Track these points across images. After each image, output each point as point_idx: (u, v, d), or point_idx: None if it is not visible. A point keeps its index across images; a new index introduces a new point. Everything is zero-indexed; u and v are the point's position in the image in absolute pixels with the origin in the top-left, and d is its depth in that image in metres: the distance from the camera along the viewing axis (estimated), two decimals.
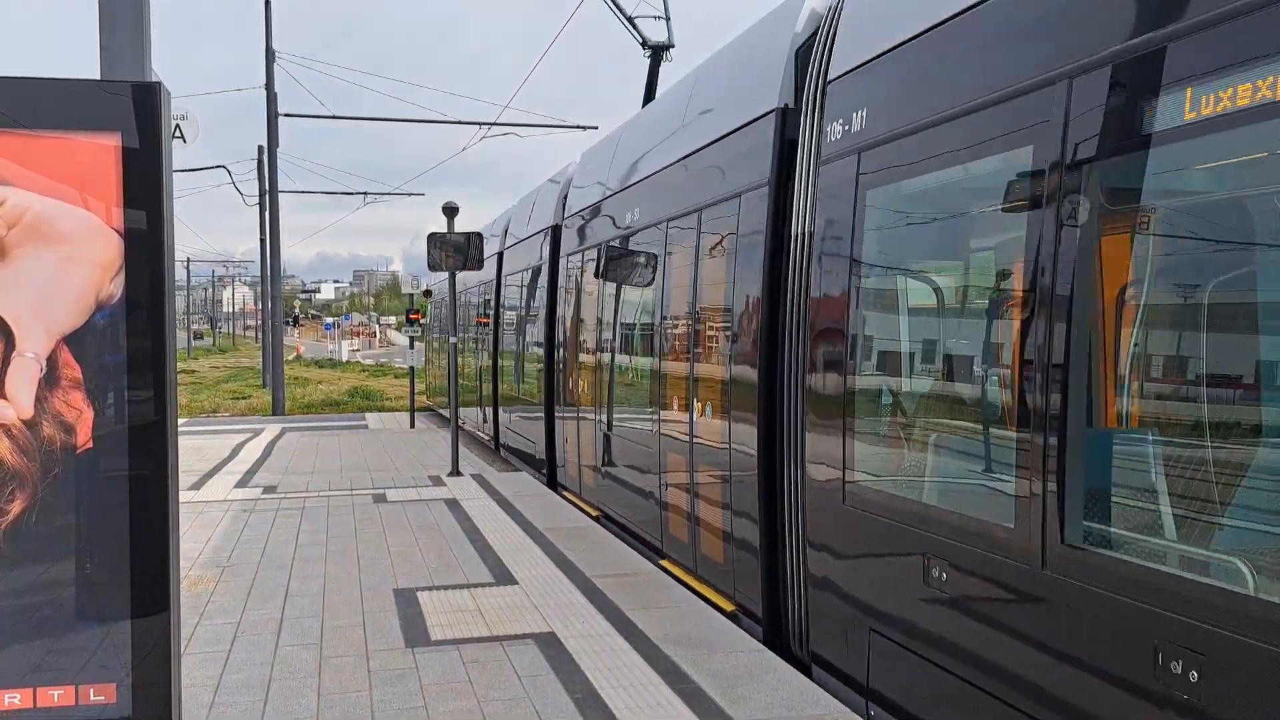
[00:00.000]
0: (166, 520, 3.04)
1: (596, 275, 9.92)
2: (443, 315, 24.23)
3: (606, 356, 10.00)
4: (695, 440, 7.54)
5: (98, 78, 3.29)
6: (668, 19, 14.57)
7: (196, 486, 12.25)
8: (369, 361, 61.32)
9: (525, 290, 14.54)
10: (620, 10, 14.61)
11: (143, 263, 3.02)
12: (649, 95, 14.41)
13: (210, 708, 5.10)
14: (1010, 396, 4.11)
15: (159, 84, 3.08)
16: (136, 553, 3.00)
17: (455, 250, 13.08)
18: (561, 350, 12.05)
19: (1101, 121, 3.61)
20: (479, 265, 13.44)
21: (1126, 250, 3.70)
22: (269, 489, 12.08)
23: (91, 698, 2.98)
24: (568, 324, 11.67)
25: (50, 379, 2.94)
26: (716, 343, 7.27)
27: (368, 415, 23.68)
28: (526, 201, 15.68)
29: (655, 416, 8.42)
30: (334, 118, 26.12)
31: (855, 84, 5.49)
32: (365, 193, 37.07)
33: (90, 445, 2.97)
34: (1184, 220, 3.62)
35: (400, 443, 17.23)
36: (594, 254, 9.98)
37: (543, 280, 13.12)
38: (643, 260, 8.89)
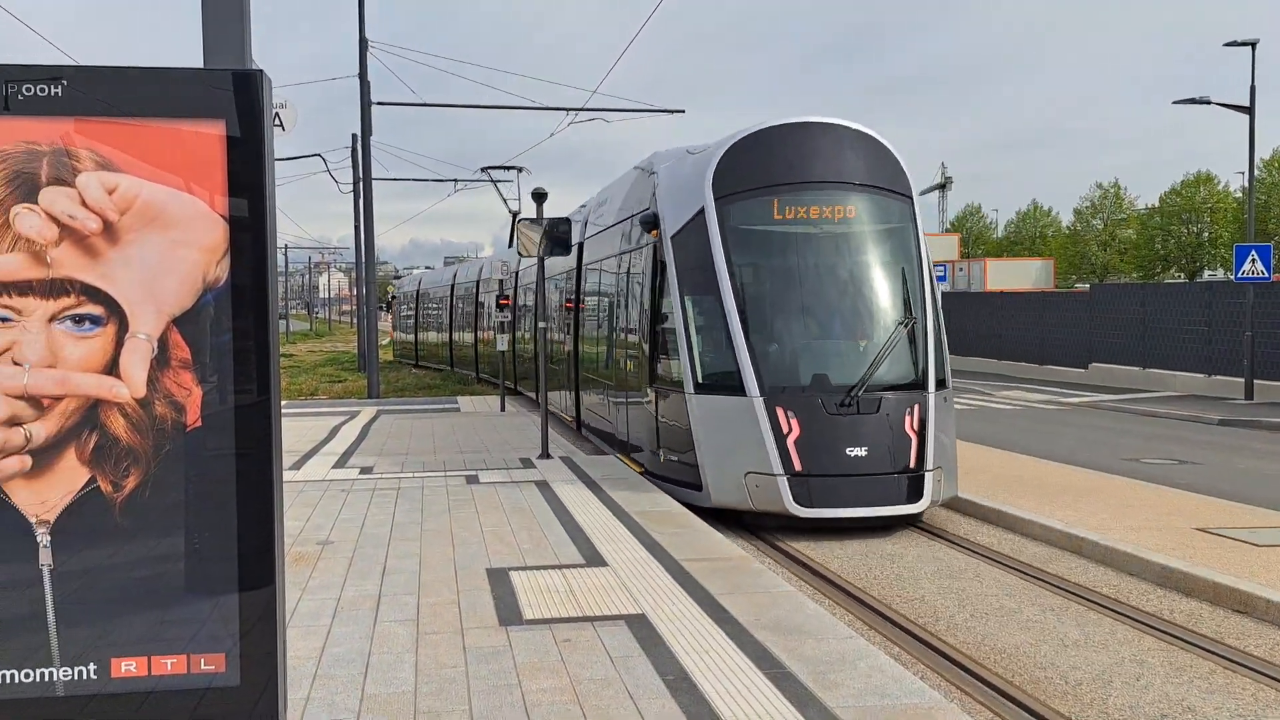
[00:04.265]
0: (271, 497, 3.12)
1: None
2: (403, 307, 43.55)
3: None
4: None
5: (200, 66, 3.37)
6: (519, 199, 26.26)
7: (296, 466, 12.61)
8: None
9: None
10: (500, 192, 27.46)
11: (247, 248, 3.09)
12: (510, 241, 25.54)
13: (313, 679, 5.25)
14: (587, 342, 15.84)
15: (260, 72, 3.14)
16: (243, 528, 3.10)
17: (543, 235, 13.17)
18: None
19: None
20: (566, 250, 13.53)
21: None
22: (365, 470, 12.38)
23: (202, 666, 3.09)
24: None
25: (161, 359, 3.04)
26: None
27: (460, 398, 24.08)
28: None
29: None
30: (425, 105, 26.41)
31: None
32: (456, 179, 37.70)
33: (199, 424, 3.06)
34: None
35: (491, 425, 17.48)
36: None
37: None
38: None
